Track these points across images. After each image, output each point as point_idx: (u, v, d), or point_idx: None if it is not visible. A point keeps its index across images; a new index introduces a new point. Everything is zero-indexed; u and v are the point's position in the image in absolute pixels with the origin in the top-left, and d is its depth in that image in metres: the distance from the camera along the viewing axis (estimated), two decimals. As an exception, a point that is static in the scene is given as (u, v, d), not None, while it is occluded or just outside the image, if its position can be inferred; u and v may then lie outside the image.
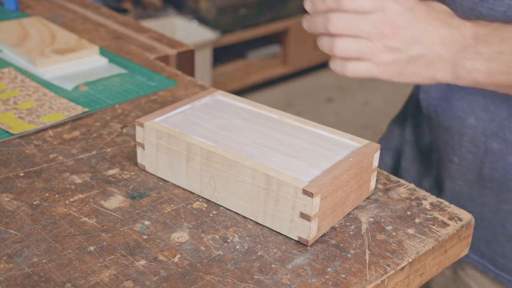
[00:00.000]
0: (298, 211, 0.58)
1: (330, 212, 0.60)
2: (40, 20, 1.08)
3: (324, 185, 0.58)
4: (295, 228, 0.59)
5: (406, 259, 0.58)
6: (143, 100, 0.87)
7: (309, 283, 0.55)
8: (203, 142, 0.64)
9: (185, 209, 0.64)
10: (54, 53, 0.94)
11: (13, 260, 0.55)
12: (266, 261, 0.57)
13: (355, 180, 0.63)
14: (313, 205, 0.57)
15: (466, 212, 0.65)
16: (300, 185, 0.57)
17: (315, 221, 0.58)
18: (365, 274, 0.56)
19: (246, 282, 0.54)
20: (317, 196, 0.57)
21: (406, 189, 0.68)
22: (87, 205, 0.63)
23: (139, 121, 0.68)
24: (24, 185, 0.66)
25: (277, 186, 0.59)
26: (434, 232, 0.62)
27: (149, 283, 0.54)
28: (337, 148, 0.65)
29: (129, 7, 2.62)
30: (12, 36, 1.00)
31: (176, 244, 0.59)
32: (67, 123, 0.79)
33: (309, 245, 0.59)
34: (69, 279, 0.54)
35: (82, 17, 1.19)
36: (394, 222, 0.63)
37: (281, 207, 0.59)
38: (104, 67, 0.96)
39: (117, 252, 0.57)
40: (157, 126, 0.66)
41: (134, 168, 0.70)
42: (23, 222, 0.60)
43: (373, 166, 0.65)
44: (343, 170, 0.60)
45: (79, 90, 0.88)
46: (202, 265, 0.56)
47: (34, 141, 0.75)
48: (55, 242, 0.58)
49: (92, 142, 0.75)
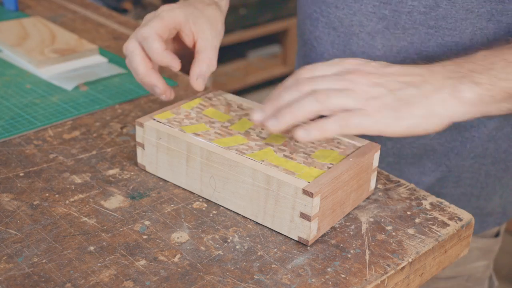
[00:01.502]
0: (298, 211, 0.58)
1: (330, 212, 0.60)
2: (40, 20, 1.08)
3: (324, 185, 0.58)
4: (295, 228, 0.59)
5: (406, 259, 0.58)
6: (143, 100, 0.87)
7: (309, 283, 0.55)
8: (203, 142, 0.64)
9: (185, 209, 0.64)
10: (54, 53, 0.94)
11: (13, 260, 0.55)
12: (266, 261, 0.57)
13: (355, 180, 0.63)
14: (313, 205, 0.57)
15: (466, 212, 0.65)
16: (300, 185, 0.57)
17: (315, 221, 0.58)
18: (365, 274, 0.56)
19: (246, 282, 0.54)
20: (317, 196, 0.57)
21: (406, 189, 0.68)
22: (87, 205, 0.63)
23: (139, 121, 0.67)
24: (24, 185, 0.66)
25: (277, 186, 0.59)
26: (434, 232, 0.62)
27: (149, 283, 0.54)
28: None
29: (129, 7, 2.62)
30: (12, 36, 1.00)
31: (176, 244, 0.59)
32: (67, 123, 0.79)
33: (309, 245, 0.59)
34: (69, 279, 0.54)
35: (82, 17, 1.19)
36: (394, 222, 0.63)
37: (281, 207, 0.59)
38: (104, 67, 0.96)
39: (117, 252, 0.57)
40: (157, 126, 0.66)
41: (134, 168, 0.70)
42: (23, 222, 0.60)
43: (373, 166, 0.65)
44: (343, 170, 0.60)
45: (79, 90, 0.88)
46: (202, 265, 0.56)
47: (34, 141, 0.75)
48: (55, 242, 0.58)
49: (92, 142, 0.75)
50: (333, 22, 0.83)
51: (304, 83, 0.61)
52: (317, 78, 0.61)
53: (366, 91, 0.60)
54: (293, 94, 0.61)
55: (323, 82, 0.61)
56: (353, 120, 0.58)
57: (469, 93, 0.60)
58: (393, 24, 0.77)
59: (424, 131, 0.61)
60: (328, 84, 0.60)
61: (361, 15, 0.79)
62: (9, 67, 0.95)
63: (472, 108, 0.61)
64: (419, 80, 0.61)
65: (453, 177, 0.85)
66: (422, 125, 0.60)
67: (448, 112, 0.60)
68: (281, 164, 0.61)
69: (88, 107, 0.83)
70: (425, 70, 0.63)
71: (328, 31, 0.84)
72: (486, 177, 0.86)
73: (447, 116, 0.61)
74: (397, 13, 0.76)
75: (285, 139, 0.66)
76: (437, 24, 0.75)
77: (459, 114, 0.61)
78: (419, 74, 0.62)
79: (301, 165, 0.61)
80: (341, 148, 0.65)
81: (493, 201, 0.89)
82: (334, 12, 0.82)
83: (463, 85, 0.60)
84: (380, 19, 0.78)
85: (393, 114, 0.59)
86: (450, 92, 0.60)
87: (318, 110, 0.59)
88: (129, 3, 2.55)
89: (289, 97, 0.61)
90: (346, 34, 0.82)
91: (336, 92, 0.59)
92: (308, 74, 0.63)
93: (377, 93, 0.60)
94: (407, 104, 0.60)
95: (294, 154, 0.63)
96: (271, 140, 0.65)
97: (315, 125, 0.59)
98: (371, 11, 0.78)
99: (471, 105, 0.61)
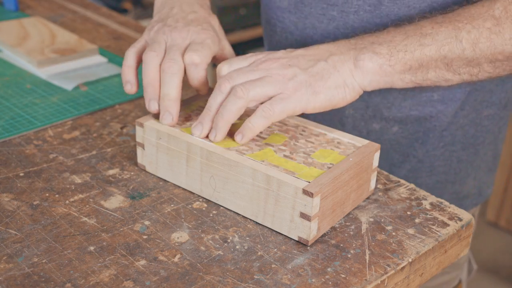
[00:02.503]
0: (298, 211, 0.58)
1: (330, 212, 0.60)
2: (40, 20, 1.08)
3: (324, 185, 0.58)
4: (295, 228, 0.59)
5: (406, 259, 0.58)
6: (143, 100, 0.87)
7: (309, 283, 0.55)
8: (203, 142, 0.64)
9: (185, 209, 0.64)
10: (54, 53, 0.94)
11: (13, 260, 0.55)
12: (266, 261, 0.57)
13: (355, 180, 0.63)
14: (313, 205, 0.57)
15: (466, 212, 0.65)
16: (300, 185, 0.57)
17: (315, 221, 0.58)
18: (365, 274, 0.56)
19: (246, 282, 0.54)
20: (317, 196, 0.57)
21: (406, 189, 0.68)
22: (87, 205, 0.63)
23: (139, 121, 0.67)
24: (24, 185, 0.66)
25: (277, 186, 0.59)
26: (434, 232, 0.62)
27: (149, 283, 0.54)
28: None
29: (129, 7, 2.62)
30: (12, 36, 1.00)
31: (176, 244, 0.59)
32: (67, 123, 0.79)
33: (309, 245, 0.59)
34: (69, 279, 0.54)
35: (82, 17, 1.19)
36: (394, 222, 0.63)
37: (281, 207, 0.59)
38: (104, 67, 0.96)
39: (117, 252, 0.57)
40: (157, 126, 0.66)
41: (134, 168, 0.70)
42: (23, 222, 0.60)
43: (373, 166, 0.65)
44: (343, 170, 0.60)
45: (79, 90, 0.88)
46: (202, 265, 0.56)
47: (34, 141, 0.75)
48: (55, 242, 0.58)
49: (92, 142, 0.75)
50: (288, 27, 0.85)
51: (223, 82, 0.65)
52: (233, 73, 0.66)
53: (281, 74, 0.64)
54: (217, 98, 0.65)
55: (239, 76, 0.65)
56: (275, 107, 0.63)
57: (369, 63, 0.66)
58: (342, 24, 0.80)
59: (342, 102, 0.66)
60: (244, 76, 0.65)
61: (313, 18, 0.82)
62: (9, 67, 0.95)
63: (375, 77, 0.67)
64: (326, 55, 0.67)
65: (426, 167, 0.88)
66: (338, 96, 0.66)
67: (356, 81, 0.66)
68: (281, 164, 0.61)
69: (88, 107, 0.83)
70: (331, 45, 0.69)
71: (286, 36, 0.87)
72: (459, 162, 0.89)
73: (357, 85, 0.67)
74: (344, 13, 0.79)
75: (285, 139, 0.66)
76: (382, 21, 0.78)
77: (366, 83, 0.67)
78: (326, 49, 0.68)
79: (301, 165, 0.61)
80: (341, 148, 0.65)
81: (467, 184, 0.92)
82: (288, 17, 0.85)
83: (363, 55, 0.66)
84: (329, 20, 0.80)
85: (310, 90, 0.64)
86: (354, 62, 0.66)
87: (243, 105, 0.63)
88: (129, 3, 2.55)
89: (215, 102, 0.65)
90: (301, 37, 0.84)
91: (254, 83, 0.64)
92: (225, 69, 0.68)
93: (291, 73, 0.65)
94: (321, 78, 0.65)
95: (294, 154, 0.63)
96: (271, 140, 0.65)
97: (246, 127, 0.64)
98: (320, 13, 0.81)
99: (373, 74, 0.67)
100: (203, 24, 0.74)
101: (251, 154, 0.62)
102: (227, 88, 0.64)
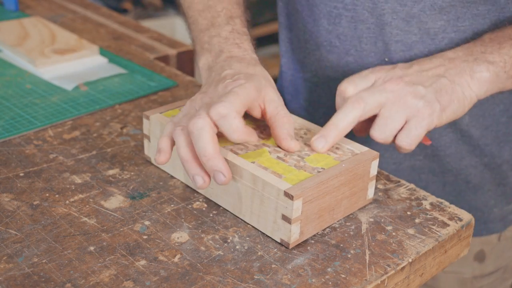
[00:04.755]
0: (280, 213, 0.58)
1: (316, 217, 0.59)
2: (40, 20, 1.08)
3: (307, 188, 0.57)
4: (277, 229, 0.59)
5: (406, 259, 0.58)
6: (143, 100, 0.87)
7: (309, 283, 0.55)
8: None
9: (185, 209, 0.64)
10: (54, 53, 0.94)
11: (13, 260, 0.55)
12: (266, 261, 0.57)
13: (348, 187, 0.62)
14: (294, 208, 0.56)
15: (466, 212, 0.65)
16: (282, 187, 0.57)
17: (297, 225, 0.58)
18: (365, 274, 0.56)
19: (246, 282, 0.54)
20: (298, 200, 0.56)
21: (406, 189, 0.68)
22: (87, 205, 0.63)
23: (146, 113, 0.69)
24: (24, 185, 0.66)
25: (262, 186, 0.58)
26: (434, 232, 0.62)
27: (149, 283, 0.54)
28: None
29: (129, 7, 2.62)
30: (12, 36, 1.00)
31: (176, 244, 0.59)
32: (67, 123, 0.79)
33: (290, 247, 0.58)
34: (69, 279, 0.54)
35: (82, 17, 1.19)
36: (394, 222, 0.63)
37: (266, 208, 0.59)
38: (104, 67, 0.96)
39: (117, 252, 0.57)
40: (161, 120, 0.67)
41: (134, 168, 0.70)
42: (23, 222, 0.60)
43: (370, 174, 0.64)
44: (332, 176, 0.59)
45: (79, 90, 0.88)
46: (202, 265, 0.56)
47: (34, 141, 0.75)
48: (55, 242, 0.58)
49: (92, 142, 0.75)
50: (361, 15, 0.78)
51: (356, 102, 0.64)
52: (364, 94, 0.65)
53: (410, 94, 0.65)
54: (349, 115, 0.64)
55: (370, 97, 0.65)
56: (416, 132, 0.64)
57: (486, 73, 0.67)
58: (429, 4, 0.75)
59: (461, 114, 0.68)
60: (374, 98, 0.65)
61: (394, 1, 0.76)
62: (9, 67, 0.95)
63: (490, 85, 0.68)
64: (443, 69, 0.68)
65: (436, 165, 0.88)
66: (460, 109, 0.67)
67: (474, 93, 0.67)
68: (272, 165, 0.60)
69: (88, 107, 0.83)
70: (441, 59, 0.69)
71: (355, 25, 0.80)
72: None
73: (474, 96, 0.67)
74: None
75: None
76: None
77: (482, 93, 0.68)
78: (440, 64, 0.68)
79: (291, 167, 0.60)
80: (338, 154, 0.64)
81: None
82: (362, 4, 0.77)
83: (479, 66, 0.67)
84: (415, 2, 0.75)
85: (439, 107, 0.65)
86: (470, 73, 0.67)
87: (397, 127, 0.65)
88: (129, 3, 2.55)
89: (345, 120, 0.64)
90: (376, 25, 0.78)
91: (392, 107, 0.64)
92: (351, 90, 0.67)
93: (419, 93, 0.65)
94: (446, 93, 0.66)
95: (287, 156, 0.62)
96: (269, 141, 0.65)
97: (413, 141, 0.65)
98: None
99: (490, 83, 0.67)
100: (234, 76, 0.65)
101: (244, 155, 0.62)
102: (365, 110, 0.64)
